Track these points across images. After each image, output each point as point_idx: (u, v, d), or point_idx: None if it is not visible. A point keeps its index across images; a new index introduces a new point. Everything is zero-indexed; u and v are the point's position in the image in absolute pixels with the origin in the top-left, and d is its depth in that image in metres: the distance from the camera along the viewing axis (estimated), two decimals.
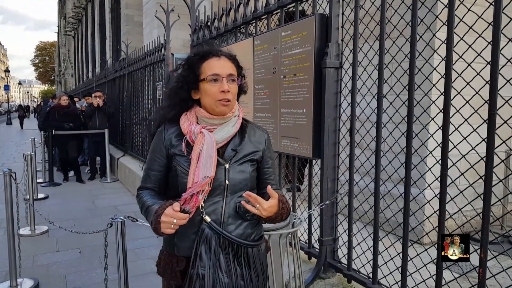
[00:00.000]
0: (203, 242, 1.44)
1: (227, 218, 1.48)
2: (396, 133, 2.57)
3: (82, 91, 14.93)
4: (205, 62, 1.49)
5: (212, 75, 1.46)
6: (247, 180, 1.52)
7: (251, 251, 1.52)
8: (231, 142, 1.52)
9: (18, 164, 9.22)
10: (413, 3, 2.11)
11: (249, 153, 1.53)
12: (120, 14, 16.59)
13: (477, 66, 1.94)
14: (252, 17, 3.50)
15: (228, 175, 1.48)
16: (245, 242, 1.49)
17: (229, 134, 1.50)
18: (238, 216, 1.49)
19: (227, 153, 1.50)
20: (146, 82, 6.96)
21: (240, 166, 1.50)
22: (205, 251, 1.44)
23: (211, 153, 1.43)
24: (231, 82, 1.48)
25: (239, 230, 1.49)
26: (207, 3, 5.09)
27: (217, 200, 1.48)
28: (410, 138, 2.19)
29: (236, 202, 1.49)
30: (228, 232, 1.46)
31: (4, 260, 3.66)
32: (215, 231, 1.45)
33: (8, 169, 3.39)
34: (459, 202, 2.37)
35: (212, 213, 1.47)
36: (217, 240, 1.45)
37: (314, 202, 3.04)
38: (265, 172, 1.62)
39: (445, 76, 1.93)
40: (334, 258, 2.90)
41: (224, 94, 1.45)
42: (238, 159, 1.51)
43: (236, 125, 1.53)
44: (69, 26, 35.21)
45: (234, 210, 1.49)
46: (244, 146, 1.53)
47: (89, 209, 5.98)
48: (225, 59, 1.51)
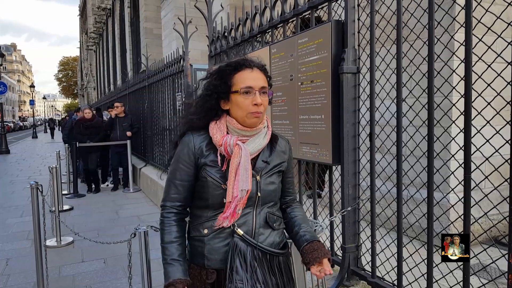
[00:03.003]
0: (238, 255, 1.43)
1: (258, 229, 1.49)
2: (417, 137, 2.54)
3: (104, 104, 15.24)
4: (238, 73, 1.46)
5: (245, 88, 1.43)
6: (276, 191, 1.54)
7: (282, 259, 1.54)
8: (261, 154, 1.52)
9: (44, 177, 9.46)
10: (429, 5, 2.09)
11: (277, 164, 1.55)
12: (140, 28, 16.96)
13: (498, 67, 1.90)
14: (268, 26, 3.52)
15: (260, 187, 1.48)
16: (277, 251, 1.51)
17: (260, 146, 1.49)
18: (267, 226, 1.51)
19: (258, 165, 1.49)
20: (166, 93, 7.07)
21: (269, 177, 1.51)
22: (240, 264, 1.42)
23: (247, 166, 1.42)
24: (263, 94, 1.45)
25: (269, 239, 1.51)
26: (224, 14, 5.16)
27: (248, 211, 1.47)
28: (432, 142, 2.15)
29: (266, 213, 1.51)
30: (260, 242, 1.47)
31: (31, 271, 3.75)
32: (248, 243, 1.44)
33: (35, 182, 3.48)
34: (485, 206, 2.32)
35: (243, 225, 1.46)
36: (251, 252, 1.44)
37: (336, 209, 3.02)
38: (287, 181, 1.65)
39: (465, 78, 1.90)
40: (358, 265, 2.86)
41: (257, 107, 1.43)
42: (268, 170, 1.51)
43: (267, 136, 1.52)
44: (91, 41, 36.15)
45: (264, 220, 1.50)
46: (273, 157, 1.54)
47: (112, 219, 6.08)
48: (258, 71, 1.48)
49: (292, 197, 1.70)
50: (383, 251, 2.74)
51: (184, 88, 6.00)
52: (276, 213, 1.57)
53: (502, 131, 1.91)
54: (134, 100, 9.93)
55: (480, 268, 2.14)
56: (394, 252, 2.48)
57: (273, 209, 1.56)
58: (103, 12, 27.96)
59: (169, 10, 11.74)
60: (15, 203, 7.34)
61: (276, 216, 1.57)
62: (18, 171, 11.73)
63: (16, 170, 12.09)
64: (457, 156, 2.23)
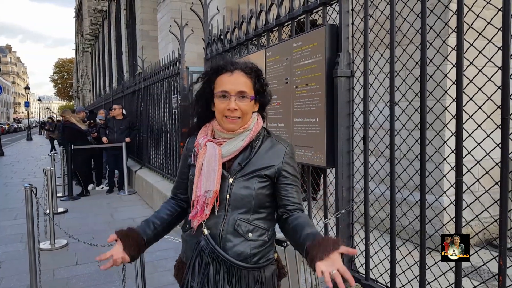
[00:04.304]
0: (198, 254, 1.44)
1: (225, 234, 1.41)
2: (410, 140, 2.56)
3: (99, 106, 15.22)
4: (218, 77, 1.47)
5: (221, 92, 1.43)
6: (251, 196, 1.42)
7: (246, 274, 1.41)
8: (239, 156, 1.48)
9: (38, 179, 9.42)
10: (422, 10, 2.12)
11: (258, 168, 1.45)
12: (136, 30, 16.94)
13: (489, 71, 1.93)
14: (264, 29, 3.54)
15: (230, 190, 1.43)
16: (237, 262, 1.40)
17: (236, 148, 1.46)
18: (238, 234, 1.41)
19: (233, 167, 1.46)
20: (162, 95, 7.07)
21: (245, 181, 1.43)
22: (198, 263, 1.43)
23: (214, 166, 1.41)
24: (240, 99, 1.43)
25: (238, 248, 1.41)
26: (220, 17, 5.18)
27: (220, 214, 1.43)
28: (424, 145, 2.18)
29: (236, 219, 1.42)
30: (225, 249, 1.41)
31: (25, 274, 3.73)
32: (210, 245, 1.42)
33: (29, 184, 3.46)
34: (478, 208, 2.34)
35: (212, 226, 1.44)
36: (210, 254, 1.41)
37: (330, 211, 3.03)
38: (283, 188, 1.48)
39: (457, 82, 1.93)
40: (352, 267, 2.87)
41: (230, 112, 1.42)
42: (245, 174, 1.44)
43: (246, 139, 1.47)
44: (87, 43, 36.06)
45: (232, 227, 1.42)
46: (254, 160, 1.46)
47: (107, 222, 6.06)
48: (239, 74, 1.45)
49: (294, 207, 1.49)
50: (376, 253, 2.75)
51: (180, 91, 6.01)
52: (255, 222, 1.44)
53: (493, 135, 1.94)
54: (130, 103, 9.93)
55: (472, 270, 2.16)
56: (388, 255, 2.50)
57: (249, 217, 1.43)
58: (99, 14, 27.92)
59: (165, 12, 11.75)
60: (9, 205, 7.30)
61: (253, 225, 1.44)
62: (13, 173, 11.67)
63: (11, 172, 12.02)
64: (449, 159, 2.25)
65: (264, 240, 1.46)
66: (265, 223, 1.48)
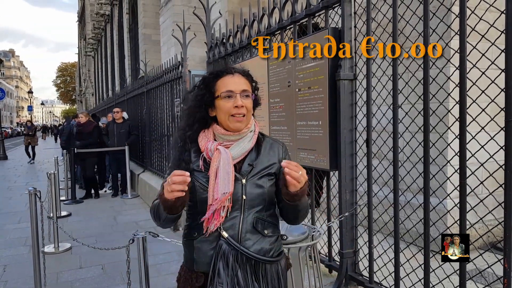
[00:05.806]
0: (221, 258, 1.45)
1: (245, 234, 1.48)
2: (413, 142, 2.56)
3: (102, 110, 15.25)
4: (220, 80, 1.53)
5: (226, 92, 1.49)
6: (264, 194, 1.51)
7: (270, 268, 1.50)
8: (247, 157, 1.53)
9: (42, 183, 9.44)
10: (424, 13, 2.12)
11: (265, 167, 1.53)
12: (138, 34, 17.00)
13: (492, 74, 1.93)
14: (266, 33, 3.55)
15: (245, 190, 1.48)
16: (262, 258, 1.48)
17: (245, 150, 1.52)
18: (256, 232, 1.49)
19: (244, 168, 1.51)
20: (165, 99, 7.08)
21: (257, 180, 1.51)
22: (223, 267, 1.44)
23: (228, 169, 1.45)
24: (245, 97, 1.51)
25: (257, 245, 1.48)
26: (222, 21, 5.20)
27: (235, 215, 1.48)
28: (427, 148, 2.17)
29: (254, 217, 1.49)
30: (246, 247, 1.46)
31: (29, 277, 3.74)
32: (233, 247, 1.45)
33: (33, 188, 3.47)
34: (482, 211, 2.33)
35: (229, 228, 1.47)
36: (234, 256, 1.45)
37: (333, 214, 3.03)
38: None
39: (460, 85, 1.93)
40: (355, 270, 2.87)
41: (238, 109, 1.48)
42: (255, 173, 1.51)
43: (252, 140, 1.55)
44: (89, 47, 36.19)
45: (251, 225, 1.49)
46: (260, 160, 1.54)
47: (111, 225, 6.06)
48: (239, 75, 1.54)
49: None
50: (380, 256, 2.75)
51: (182, 95, 6.01)
52: (268, 219, 1.53)
53: (497, 137, 1.93)
54: (133, 106, 9.94)
55: (477, 273, 2.15)
56: (392, 257, 2.49)
57: (263, 214, 1.52)
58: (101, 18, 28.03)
59: (168, 16, 11.78)
60: (13, 209, 7.31)
61: (267, 222, 1.53)
62: (16, 177, 11.69)
63: (14, 176, 12.05)
64: (453, 162, 2.25)
65: (277, 234, 1.56)
66: (274, 218, 1.58)
